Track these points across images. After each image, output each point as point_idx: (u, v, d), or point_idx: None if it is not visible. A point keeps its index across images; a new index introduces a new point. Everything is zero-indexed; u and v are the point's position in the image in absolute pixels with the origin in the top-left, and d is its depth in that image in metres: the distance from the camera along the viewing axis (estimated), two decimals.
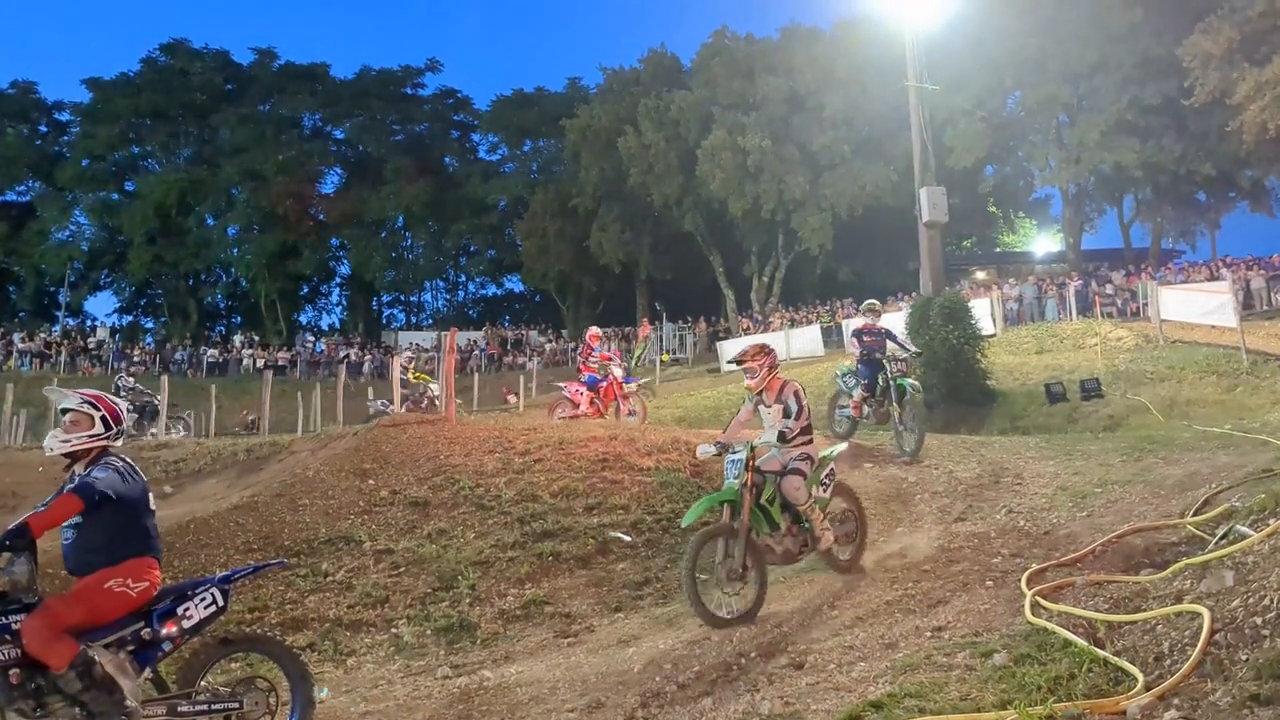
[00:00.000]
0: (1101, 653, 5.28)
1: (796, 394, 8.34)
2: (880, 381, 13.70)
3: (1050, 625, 5.88)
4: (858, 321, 16.19)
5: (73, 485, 5.43)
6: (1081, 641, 5.47)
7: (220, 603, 5.75)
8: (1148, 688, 4.70)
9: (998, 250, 56.29)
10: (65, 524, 5.39)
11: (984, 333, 22.32)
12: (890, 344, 14.36)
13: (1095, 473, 10.86)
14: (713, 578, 7.69)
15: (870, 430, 14.60)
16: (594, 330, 19.23)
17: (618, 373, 17.70)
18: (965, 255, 55.10)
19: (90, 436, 5.61)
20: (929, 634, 6.36)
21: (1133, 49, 36.45)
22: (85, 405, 5.65)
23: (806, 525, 8.12)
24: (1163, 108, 36.54)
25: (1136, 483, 9.92)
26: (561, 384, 18.84)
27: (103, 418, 5.66)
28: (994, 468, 11.86)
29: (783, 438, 8.11)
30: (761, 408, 8.52)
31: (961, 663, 5.63)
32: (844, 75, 42.62)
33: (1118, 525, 8.04)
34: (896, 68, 25.45)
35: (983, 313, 24.70)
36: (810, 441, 8.38)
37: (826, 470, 8.49)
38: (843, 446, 9.52)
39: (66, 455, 5.63)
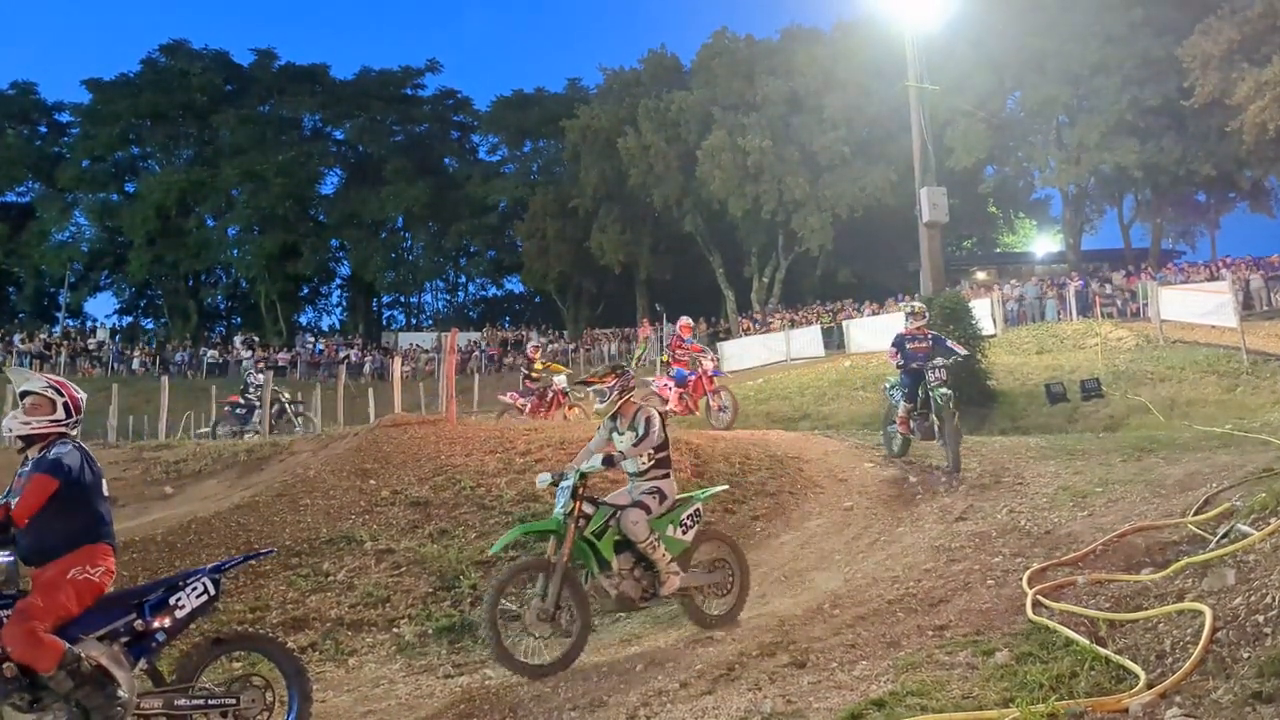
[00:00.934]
0: (1103, 651, 5.29)
1: (649, 420, 7.61)
2: (920, 392, 12.32)
3: (1052, 624, 5.89)
4: (899, 324, 14.55)
5: (38, 466, 5.32)
6: (1083, 640, 5.48)
7: (212, 591, 5.71)
8: (1150, 686, 4.71)
9: (998, 251, 56.33)
10: None
11: (984, 333, 22.32)
12: (939, 349, 12.54)
13: (1096, 472, 10.85)
14: (523, 618, 6.96)
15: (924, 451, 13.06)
16: (685, 321, 17.55)
17: (708, 365, 16.54)
18: (965, 256, 55.14)
19: (51, 421, 5.51)
20: (931, 633, 6.37)
21: (1133, 50, 36.49)
22: (49, 390, 5.57)
23: (656, 570, 7.37)
24: (1163, 108, 36.57)
25: (1137, 482, 9.92)
26: (650, 379, 17.92)
27: (65, 404, 5.57)
28: (995, 467, 11.85)
29: (610, 462, 7.44)
30: (615, 435, 7.80)
31: (963, 661, 5.64)
32: (844, 76, 42.66)
33: (1119, 524, 8.04)
34: (897, 69, 25.50)
35: (983, 313, 24.71)
36: (666, 476, 7.68)
37: (690, 511, 7.71)
38: (719, 489, 8.93)
39: (23, 438, 5.52)
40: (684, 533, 7.64)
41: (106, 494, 5.68)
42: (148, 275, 58.50)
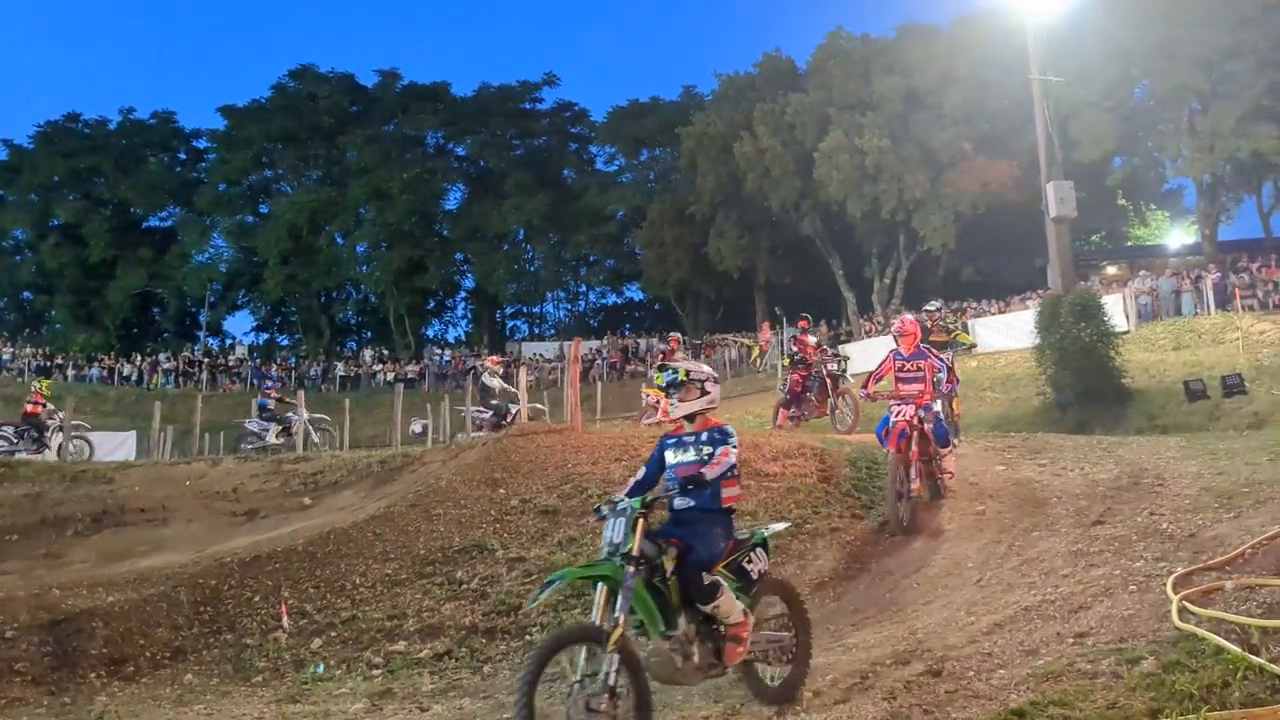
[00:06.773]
0: (1257, 660, 5.10)
1: None
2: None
3: (1200, 631, 5.70)
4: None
5: None
6: (1235, 648, 5.29)
7: None
8: None
9: (1128, 244, 54.48)
10: None
11: (1117, 330, 21.69)
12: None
13: (1241, 472, 10.40)
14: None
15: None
16: (907, 321, 12.67)
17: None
18: (1094, 250, 53.50)
19: None
20: (1071, 640, 6.21)
21: (1268, 31, 34.93)
22: None
23: None
24: None
25: None
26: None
27: None
28: (1132, 469, 11.48)
29: None
30: None
31: (1107, 670, 5.50)
32: (963, 71, 41.85)
33: (1268, 527, 7.70)
34: (1018, 61, 24.98)
35: (1115, 309, 24.04)
36: None
37: None
38: None
39: None
40: None
41: None
42: (282, 293, 60.73)
